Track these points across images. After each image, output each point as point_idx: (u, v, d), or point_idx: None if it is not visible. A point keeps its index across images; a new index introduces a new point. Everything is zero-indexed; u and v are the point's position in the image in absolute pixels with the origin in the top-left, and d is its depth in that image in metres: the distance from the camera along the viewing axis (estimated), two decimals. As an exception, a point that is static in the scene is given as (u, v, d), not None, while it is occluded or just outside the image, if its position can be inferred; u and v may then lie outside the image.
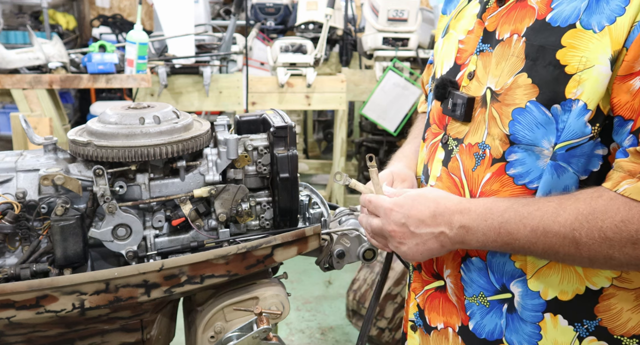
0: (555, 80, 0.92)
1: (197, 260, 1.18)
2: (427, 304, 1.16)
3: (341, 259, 1.34)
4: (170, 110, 1.28)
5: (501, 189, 1.00)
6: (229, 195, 1.26)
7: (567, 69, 0.91)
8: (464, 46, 1.12)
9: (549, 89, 0.93)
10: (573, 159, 0.93)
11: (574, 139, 0.92)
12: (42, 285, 1.10)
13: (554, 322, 0.99)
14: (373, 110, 4.17)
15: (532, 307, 1.00)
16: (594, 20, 0.89)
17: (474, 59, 1.07)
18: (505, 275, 1.02)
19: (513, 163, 0.98)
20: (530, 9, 0.98)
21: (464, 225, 0.97)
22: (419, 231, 1.01)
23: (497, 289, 1.03)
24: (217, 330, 1.26)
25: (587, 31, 0.89)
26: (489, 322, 1.05)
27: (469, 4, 1.17)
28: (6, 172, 1.21)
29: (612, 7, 0.88)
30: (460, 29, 1.15)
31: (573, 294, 0.98)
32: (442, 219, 0.99)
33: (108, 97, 5.81)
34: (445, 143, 1.11)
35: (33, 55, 3.14)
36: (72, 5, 6.52)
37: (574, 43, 0.91)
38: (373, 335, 2.73)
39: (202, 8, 4.56)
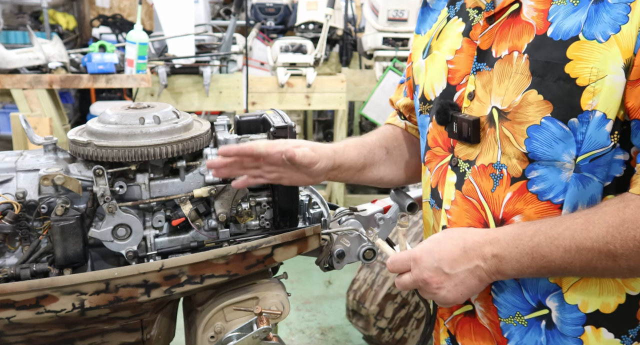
0: (568, 94, 0.92)
1: (197, 260, 1.18)
2: (458, 330, 1.13)
3: (341, 259, 1.34)
4: (170, 110, 1.28)
5: (525, 206, 0.99)
6: (229, 195, 1.26)
7: (579, 81, 0.90)
8: (454, 66, 1.10)
9: (563, 104, 0.92)
10: (597, 169, 0.93)
11: (597, 150, 0.92)
12: (42, 285, 1.10)
13: (597, 334, 0.98)
14: (373, 110, 4.17)
15: (572, 321, 0.99)
16: (596, 30, 0.89)
17: (472, 79, 1.06)
18: (540, 292, 1.01)
19: (535, 180, 0.97)
20: (527, 24, 0.97)
21: (496, 254, 0.96)
22: (454, 271, 0.98)
23: (533, 306, 1.02)
24: (217, 330, 1.26)
25: (592, 42, 0.89)
26: (529, 341, 1.03)
27: (449, 22, 1.15)
28: (6, 172, 1.21)
29: (613, 16, 0.88)
30: (446, 49, 1.13)
31: (615, 305, 0.97)
32: (474, 253, 0.97)
33: (108, 97, 5.81)
34: (455, 166, 1.09)
35: (33, 55, 3.14)
36: (72, 5, 6.52)
37: (581, 55, 0.90)
38: (373, 335, 2.73)
39: (202, 8, 4.56)
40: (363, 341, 2.93)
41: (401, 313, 2.68)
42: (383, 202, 1.42)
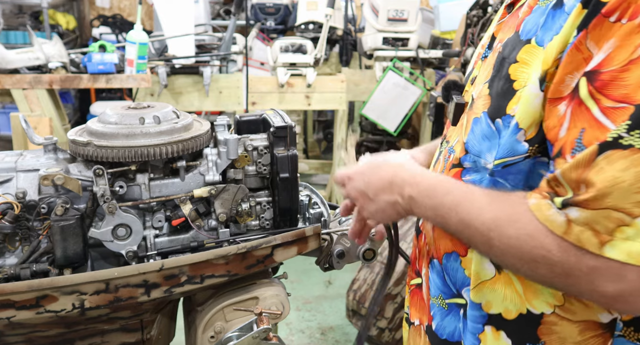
0: (504, 94, 0.90)
1: (197, 260, 1.18)
2: (411, 299, 1.18)
3: (341, 259, 1.34)
4: (170, 110, 1.28)
5: None
6: (229, 195, 1.26)
7: (515, 84, 0.88)
8: (479, 51, 1.12)
9: (497, 102, 0.91)
10: (510, 176, 0.90)
11: (509, 157, 0.89)
12: (42, 285, 1.10)
13: (496, 336, 0.97)
14: (373, 110, 4.17)
15: (474, 318, 0.99)
16: (544, 36, 0.86)
17: (479, 65, 1.08)
18: (458, 282, 1.02)
19: (468, 170, 0.98)
20: (517, 18, 0.97)
21: (412, 197, 0.98)
22: (376, 198, 1.03)
23: (454, 292, 1.03)
24: (217, 330, 1.26)
25: (539, 48, 0.86)
26: (449, 324, 1.05)
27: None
28: (6, 172, 1.21)
29: (557, 24, 0.84)
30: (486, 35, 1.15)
31: (517, 313, 0.95)
32: (397, 189, 1.00)
33: (108, 97, 5.81)
34: (441, 143, 1.14)
35: (33, 55, 3.14)
36: (72, 5, 6.52)
37: (526, 58, 0.88)
38: (373, 335, 2.73)
39: (202, 8, 4.56)
40: (363, 341, 2.93)
41: (401, 313, 2.68)
42: (383, 202, 1.41)
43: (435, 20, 4.78)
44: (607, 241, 0.72)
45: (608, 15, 0.75)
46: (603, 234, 0.72)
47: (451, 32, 4.64)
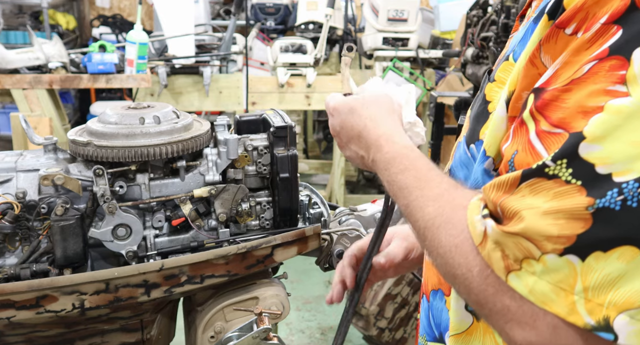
0: (478, 117, 0.83)
1: (197, 260, 1.18)
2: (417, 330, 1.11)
3: (341, 259, 1.34)
4: (170, 110, 1.28)
5: None
6: (229, 195, 1.26)
7: (489, 106, 0.80)
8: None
9: (473, 126, 0.84)
10: None
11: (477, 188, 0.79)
12: (42, 285, 1.10)
13: None
14: (373, 110, 4.16)
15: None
16: (520, 51, 0.77)
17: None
18: (442, 324, 0.93)
19: None
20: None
21: (373, 160, 0.91)
22: (347, 145, 0.98)
23: (436, 336, 0.94)
24: (217, 330, 1.26)
25: (514, 64, 0.78)
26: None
27: None
28: (6, 172, 1.21)
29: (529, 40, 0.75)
30: None
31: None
32: (364, 143, 0.93)
33: (108, 97, 5.81)
34: None
35: (33, 55, 3.14)
36: (72, 5, 6.52)
37: (502, 77, 0.80)
38: (373, 335, 2.73)
39: (202, 8, 4.56)
40: (363, 341, 2.93)
41: (401, 313, 2.68)
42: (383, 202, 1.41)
43: (435, 20, 4.78)
44: (513, 270, 0.63)
45: (562, 26, 0.67)
46: (511, 260, 0.63)
47: (451, 32, 4.64)
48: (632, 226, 0.57)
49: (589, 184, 0.58)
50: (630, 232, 0.57)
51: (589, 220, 0.58)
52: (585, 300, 0.59)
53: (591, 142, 0.59)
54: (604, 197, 0.58)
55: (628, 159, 0.57)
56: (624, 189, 0.57)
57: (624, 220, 0.57)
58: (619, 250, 0.58)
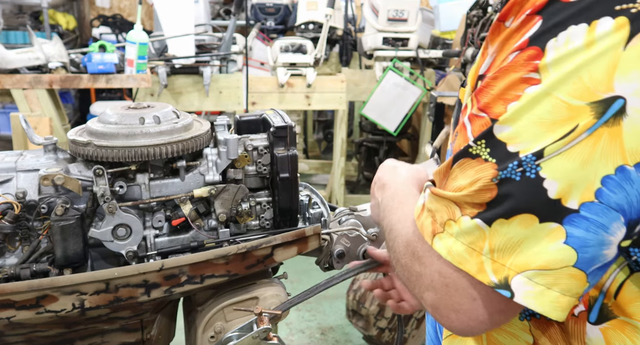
0: (456, 122, 0.87)
1: (197, 260, 1.18)
2: None
3: (341, 259, 1.34)
4: (170, 110, 1.28)
5: None
6: (229, 195, 1.26)
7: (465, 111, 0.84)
8: None
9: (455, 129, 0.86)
10: None
11: None
12: (42, 285, 1.10)
13: None
14: (373, 110, 4.17)
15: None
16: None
17: None
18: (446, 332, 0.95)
19: None
20: None
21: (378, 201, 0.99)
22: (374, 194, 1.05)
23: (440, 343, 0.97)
24: (217, 330, 1.26)
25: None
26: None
27: None
28: (6, 172, 1.21)
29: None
30: None
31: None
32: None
33: (108, 97, 5.81)
34: None
35: (33, 55, 3.14)
36: (72, 5, 6.52)
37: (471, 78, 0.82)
38: (373, 335, 2.73)
39: (202, 8, 4.56)
40: (363, 341, 2.93)
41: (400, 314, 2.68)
42: (383, 202, 1.41)
43: (435, 20, 4.78)
44: (437, 233, 0.70)
45: (502, 19, 0.71)
46: (437, 224, 0.70)
47: (451, 32, 4.64)
48: (530, 195, 0.63)
49: (501, 161, 0.64)
50: (529, 201, 0.63)
51: (494, 190, 0.64)
52: (492, 261, 0.65)
53: (503, 123, 0.65)
54: (505, 169, 0.64)
55: (532, 137, 0.63)
56: (522, 162, 0.63)
57: (523, 190, 0.63)
58: (519, 217, 0.63)
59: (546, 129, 0.62)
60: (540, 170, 0.62)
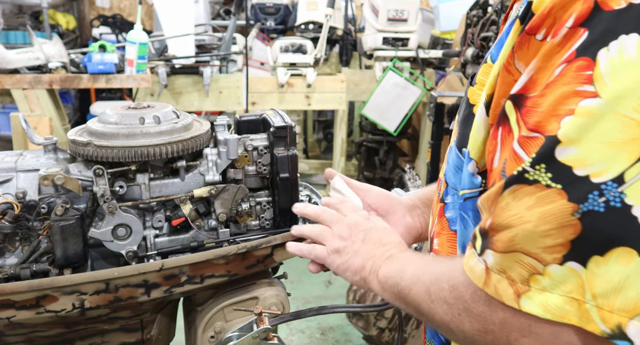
0: (465, 121, 0.83)
1: (197, 260, 1.18)
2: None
3: (341, 259, 1.34)
4: (170, 110, 1.28)
5: (442, 231, 0.91)
6: (229, 195, 1.26)
7: (474, 109, 0.80)
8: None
9: (461, 130, 0.84)
10: (470, 212, 0.82)
11: (467, 189, 0.81)
12: (42, 285, 1.10)
13: None
14: (373, 110, 4.17)
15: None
16: (498, 52, 0.76)
17: None
18: None
19: (448, 205, 0.90)
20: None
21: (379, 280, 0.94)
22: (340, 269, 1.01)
23: (442, 341, 0.94)
24: (217, 330, 1.26)
25: (493, 65, 0.78)
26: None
27: None
28: (6, 172, 1.21)
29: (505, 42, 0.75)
30: None
31: None
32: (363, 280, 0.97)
33: (108, 97, 5.81)
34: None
35: (33, 55, 3.14)
36: (72, 5, 6.52)
37: (482, 79, 0.80)
38: (373, 336, 2.73)
39: (202, 8, 4.56)
40: (363, 341, 2.93)
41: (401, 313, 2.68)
42: (383, 202, 1.41)
43: (435, 20, 4.79)
44: (523, 292, 0.62)
45: (532, 32, 0.68)
46: (518, 283, 0.62)
47: (451, 32, 4.64)
48: (621, 226, 0.57)
49: (569, 186, 0.59)
50: (621, 233, 0.57)
51: (578, 225, 0.58)
52: (597, 308, 0.58)
53: (567, 145, 0.59)
54: (586, 201, 0.58)
55: (604, 160, 0.57)
56: (604, 191, 0.57)
57: (612, 222, 0.57)
58: (615, 252, 0.57)
59: (619, 149, 0.57)
60: (626, 198, 0.57)
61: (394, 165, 4.65)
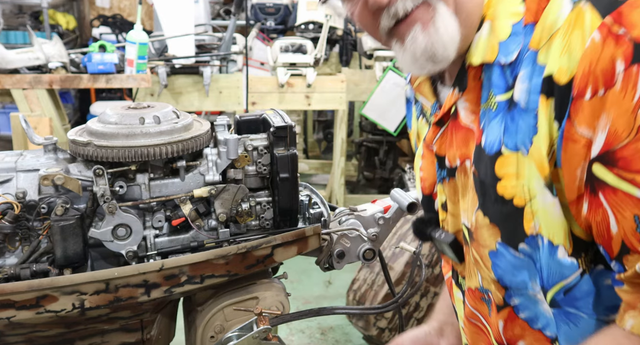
0: (509, 217, 0.80)
1: (197, 260, 1.18)
2: None
3: (341, 259, 1.34)
4: (170, 110, 1.28)
5: (523, 332, 0.87)
6: (229, 195, 1.26)
7: (516, 201, 0.78)
8: (423, 174, 1.03)
9: (508, 228, 0.81)
10: (579, 302, 0.79)
11: (563, 280, 0.78)
12: (42, 285, 1.10)
13: None
14: (373, 110, 4.17)
15: None
16: (518, 140, 0.77)
17: (440, 188, 0.98)
18: None
19: (519, 307, 0.86)
20: (468, 130, 0.87)
21: None
22: None
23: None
24: (217, 330, 1.26)
25: (516, 153, 0.77)
26: None
27: (419, 121, 1.07)
28: (6, 172, 1.21)
29: (524, 124, 0.76)
30: (417, 155, 1.05)
31: None
32: None
33: (108, 97, 5.80)
34: (457, 282, 1.02)
35: (33, 55, 3.14)
36: (72, 5, 6.52)
37: (509, 171, 0.78)
38: (373, 336, 2.73)
39: (202, 8, 4.56)
40: (363, 341, 2.93)
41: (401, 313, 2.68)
42: (383, 202, 1.41)
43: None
44: None
45: (582, 95, 0.69)
46: None
47: (451, 32, 4.62)
48: None
49: None
50: None
51: None
52: None
53: None
54: None
55: None
56: None
57: None
58: None
59: None
60: None
61: (394, 165, 4.66)
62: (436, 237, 0.97)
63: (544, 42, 0.73)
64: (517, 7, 0.78)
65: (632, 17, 0.66)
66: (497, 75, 0.80)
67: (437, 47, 0.79)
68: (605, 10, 0.68)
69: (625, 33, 0.66)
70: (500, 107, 0.80)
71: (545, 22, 0.74)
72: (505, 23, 0.78)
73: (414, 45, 0.81)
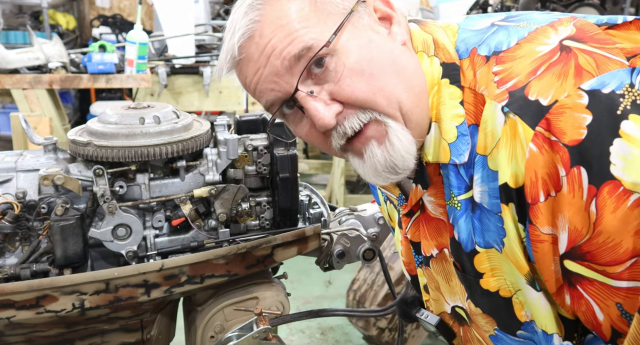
0: (499, 308, 0.85)
1: (197, 260, 1.18)
2: None
3: (341, 259, 1.34)
4: (170, 110, 1.28)
5: None
6: (229, 195, 1.26)
7: (502, 293, 0.84)
8: (404, 259, 1.06)
9: (502, 317, 0.86)
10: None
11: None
12: (42, 285, 1.10)
13: None
14: (373, 110, 4.16)
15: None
16: (489, 238, 0.81)
17: (420, 272, 1.02)
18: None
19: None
20: (440, 220, 0.92)
21: None
22: None
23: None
24: (217, 330, 1.26)
25: (490, 250, 0.82)
26: None
27: (387, 205, 1.11)
28: (6, 172, 1.21)
29: (491, 226, 0.80)
30: (396, 238, 1.09)
31: None
32: None
33: (108, 97, 5.80)
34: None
35: (33, 55, 3.14)
36: (72, 5, 6.52)
37: (489, 267, 0.83)
38: (373, 336, 2.73)
39: (202, 8, 4.56)
40: (363, 341, 2.93)
41: (401, 313, 2.68)
42: (383, 202, 1.41)
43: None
44: None
45: (536, 200, 0.73)
46: None
47: (451, 32, 4.63)
48: None
49: None
50: None
51: None
52: None
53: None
54: None
55: None
56: None
57: None
58: None
59: None
60: None
61: (394, 165, 4.64)
62: (422, 318, 1.01)
63: (490, 150, 0.77)
64: (457, 110, 0.82)
65: (559, 124, 0.70)
66: (453, 175, 0.84)
67: (396, 159, 0.83)
68: (533, 122, 0.72)
69: (557, 141, 0.70)
70: (464, 206, 0.84)
71: (487, 129, 0.78)
72: (450, 125, 0.83)
73: (374, 159, 0.84)
